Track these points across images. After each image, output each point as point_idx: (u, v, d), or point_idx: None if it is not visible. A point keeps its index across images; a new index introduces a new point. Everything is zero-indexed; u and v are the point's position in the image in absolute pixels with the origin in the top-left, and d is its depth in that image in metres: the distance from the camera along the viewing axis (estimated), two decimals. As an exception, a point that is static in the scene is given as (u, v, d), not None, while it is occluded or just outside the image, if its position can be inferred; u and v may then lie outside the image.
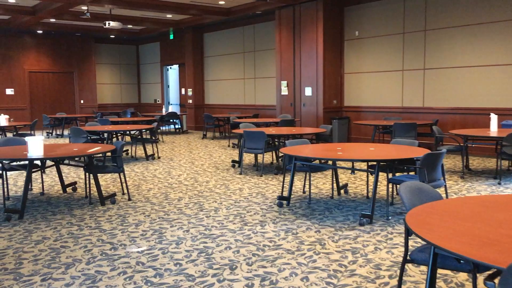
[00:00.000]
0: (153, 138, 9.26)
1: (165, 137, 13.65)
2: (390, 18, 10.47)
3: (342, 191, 6.03)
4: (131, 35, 17.53)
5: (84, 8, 12.27)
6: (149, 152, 9.88)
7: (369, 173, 5.58)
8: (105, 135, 8.83)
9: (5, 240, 4.13)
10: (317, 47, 11.14)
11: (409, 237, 2.64)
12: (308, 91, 11.49)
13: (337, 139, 11.20)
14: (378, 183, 6.20)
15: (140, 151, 10.12)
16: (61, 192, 6.12)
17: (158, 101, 18.24)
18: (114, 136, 9.50)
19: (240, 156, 7.74)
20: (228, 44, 14.86)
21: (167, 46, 17.52)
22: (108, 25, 12.55)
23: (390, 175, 5.06)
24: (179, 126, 15.15)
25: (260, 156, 8.39)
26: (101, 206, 5.33)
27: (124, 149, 10.09)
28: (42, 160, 5.41)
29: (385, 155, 4.77)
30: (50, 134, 14.75)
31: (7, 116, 10.16)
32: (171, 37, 17.03)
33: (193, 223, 4.63)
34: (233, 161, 8.21)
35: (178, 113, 15.51)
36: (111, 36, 17.88)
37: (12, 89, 16.33)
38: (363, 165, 7.40)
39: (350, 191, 6.09)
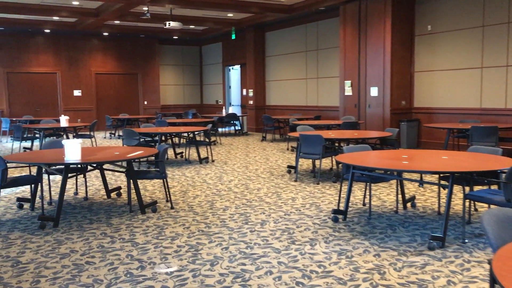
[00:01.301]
0: (207, 140, 8.90)
1: (224, 139, 13.33)
2: (467, 10, 9.44)
3: (408, 204, 5.28)
4: (193, 36, 17.45)
5: (145, 8, 12.20)
6: (204, 154, 9.54)
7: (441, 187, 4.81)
8: (158, 137, 8.58)
9: (31, 252, 3.84)
10: (385, 44, 10.30)
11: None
12: (374, 91, 10.68)
13: (406, 143, 10.31)
14: (453, 196, 5.40)
15: (195, 154, 9.81)
16: (105, 197, 5.86)
17: (220, 102, 18.04)
18: (168, 138, 9.25)
19: (296, 161, 7.16)
20: (290, 42, 14.31)
21: (229, 46, 17.26)
22: (169, 25, 12.41)
23: (467, 189, 4.29)
24: (239, 128, 14.80)
25: (317, 162, 7.76)
26: (141, 214, 4.97)
27: (179, 151, 9.82)
28: (80, 165, 5.14)
29: (461, 166, 4.00)
30: (113, 135, 14.92)
31: (67, 117, 10.23)
32: (233, 37, 16.73)
33: (234, 239, 4.12)
34: (289, 166, 7.65)
35: (238, 114, 15.16)
36: (174, 37, 17.91)
37: (80, 91, 16.75)
38: (435, 175, 6.57)
39: (418, 204, 5.33)
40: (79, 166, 5.32)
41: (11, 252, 3.86)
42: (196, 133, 8.93)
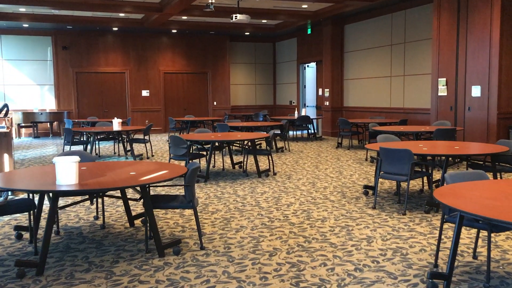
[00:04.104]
0: (268, 149, 7.52)
1: (294, 144, 11.88)
2: None
3: (545, 260, 3.55)
4: (266, 31, 16.13)
5: (210, 0, 11.09)
6: (266, 165, 8.20)
7: None
8: (210, 146, 7.33)
9: (-23, 325, 2.70)
10: (492, 33, 8.32)
11: None
12: (475, 91, 8.72)
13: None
14: None
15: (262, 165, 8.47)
16: (128, 225, 4.68)
17: (294, 102, 16.60)
18: (225, 146, 8.02)
19: (376, 181, 5.57)
20: (372, 36, 12.54)
21: (304, 42, 15.78)
22: (235, 18, 11.20)
23: None
24: (313, 132, 13.27)
25: (403, 182, 6.09)
26: (158, 258, 3.70)
27: (238, 160, 8.54)
28: (72, 193, 3.96)
29: None
30: (177, 138, 14.02)
31: (120, 120, 9.36)
32: (309, 31, 15.24)
33: (272, 319, 2.71)
34: (366, 186, 6.06)
35: (312, 116, 13.67)
36: (246, 34, 16.73)
37: (148, 91, 16.11)
38: None
39: (559, 260, 3.58)
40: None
41: (-47, 322, 2.74)
42: (256, 140, 7.60)
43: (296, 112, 13.31)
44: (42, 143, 13.07)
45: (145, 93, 16.10)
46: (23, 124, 14.38)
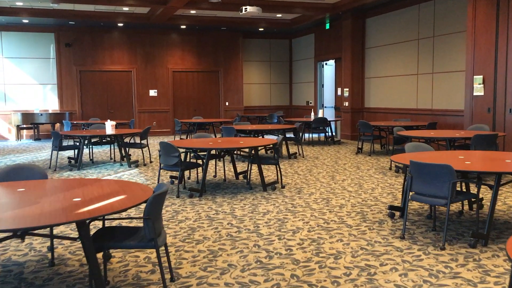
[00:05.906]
0: (275, 157, 6.45)
1: (309, 149, 10.78)
2: None
3: None
4: (282, 27, 15.03)
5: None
6: (272, 176, 7.14)
7: None
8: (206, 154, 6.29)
9: None
10: (539, 22, 7.11)
11: None
12: (519, 90, 7.51)
13: None
14: None
15: (270, 175, 7.40)
16: (85, 261, 3.68)
17: (311, 103, 15.48)
18: (223, 154, 6.97)
19: (404, 203, 4.46)
20: (397, 30, 11.35)
21: (322, 38, 14.64)
22: (245, 10, 10.18)
23: None
24: (331, 135, 12.13)
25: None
26: (103, 320, 2.68)
27: (240, 170, 7.49)
28: None
29: None
30: (184, 141, 13.06)
31: (113, 123, 8.40)
32: (327, 26, 14.12)
33: None
34: (392, 207, 4.94)
35: (330, 118, 12.55)
36: (260, 30, 15.66)
37: (155, 90, 15.19)
38: None
39: None
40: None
41: None
42: (260, 148, 6.54)
43: (312, 113, 12.20)
44: (40, 146, 12.24)
45: (152, 92, 15.19)
46: (23, 126, 13.61)
